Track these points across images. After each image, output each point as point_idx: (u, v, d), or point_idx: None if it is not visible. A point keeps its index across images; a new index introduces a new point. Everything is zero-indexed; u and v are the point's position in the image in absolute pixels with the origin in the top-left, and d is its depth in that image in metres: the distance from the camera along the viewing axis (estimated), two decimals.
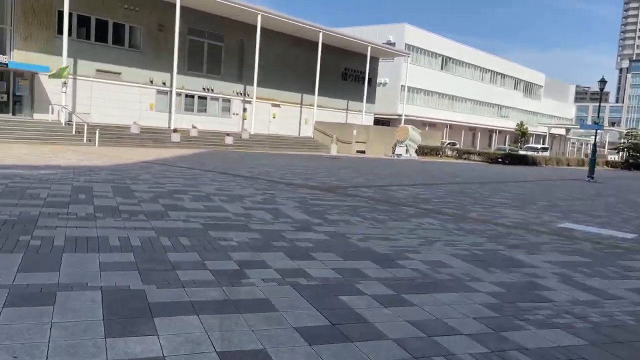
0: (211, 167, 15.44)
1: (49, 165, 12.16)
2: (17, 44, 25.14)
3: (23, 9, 25.13)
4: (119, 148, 22.57)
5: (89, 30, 28.08)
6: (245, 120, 36.11)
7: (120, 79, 29.42)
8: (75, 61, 27.34)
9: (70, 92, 27.18)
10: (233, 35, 34.95)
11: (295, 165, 19.78)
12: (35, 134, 22.11)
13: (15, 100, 25.71)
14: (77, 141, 22.99)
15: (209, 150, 25.90)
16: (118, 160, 15.48)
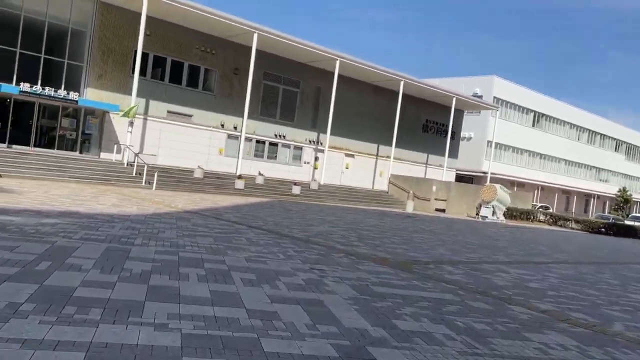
0: (261, 222, 13.01)
1: (67, 211, 10.22)
2: (91, 82, 24.88)
3: (100, 48, 24.99)
4: (175, 192, 20.97)
5: (163, 71, 27.61)
6: (316, 170, 34.01)
7: (191, 122, 28.51)
8: (147, 102, 26.76)
9: (139, 133, 26.47)
10: (309, 82, 33.51)
11: (364, 223, 16.96)
12: (94, 173, 21.09)
13: (85, 139, 25.25)
14: (135, 183, 21.71)
15: (272, 200, 23.76)
16: (157, 208, 13.48)
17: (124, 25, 25.50)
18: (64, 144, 24.73)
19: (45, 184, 17.09)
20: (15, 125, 23.23)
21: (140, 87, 25.57)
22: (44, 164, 20.22)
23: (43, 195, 13.12)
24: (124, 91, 25.31)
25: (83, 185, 18.99)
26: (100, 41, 24.99)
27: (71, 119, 24.86)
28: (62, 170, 20.29)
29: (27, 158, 20.12)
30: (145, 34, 25.61)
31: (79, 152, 24.79)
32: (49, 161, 20.61)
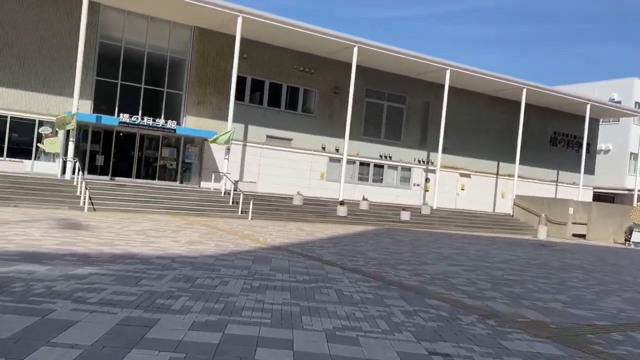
0: (361, 261, 10.41)
1: (122, 254, 8.50)
2: (190, 110, 24.32)
3: (198, 74, 24.41)
4: (271, 222, 19.14)
5: (261, 95, 26.48)
6: (427, 192, 30.75)
7: (290, 146, 26.97)
8: (245, 127, 25.70)
9: (238, 159, 25.39)
10: (416, 96, 30.62)
11: (492, 258, 13.63)
12: (190, 204, 20.01)
13: (185, 168, 24.65)
14: (231, 213, 20.29)
15: (378, 229, 21.05)
16: (239, 244, 11.49)
17: (221, 49, 24.77)
18: (165, 174, 24.29)
19: (133, 217, 16.05)
20: (118, 157, 23.16)
21: (239, 112, 24.57)
22: (141, 195, 19.52)
23: (117, 231, 11.73)
24: (223, 117, 24.43)
25: (175, 217, 17.83)
26: (199, 67, 24.43)
27: (171, 149, 24.40)
28: (158, 201, 19.43)
29: (124, 190, 19.56)
30: (242, 57, 24.68)
31: (179, 182, 24.17)
32: (147, 192, 19.90)
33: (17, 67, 20.48)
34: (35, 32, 20.77)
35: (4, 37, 20.20)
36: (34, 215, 13.74)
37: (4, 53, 20.20)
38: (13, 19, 20.32)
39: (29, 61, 20.69)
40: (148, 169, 24.16)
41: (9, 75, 20.33)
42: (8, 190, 16.86)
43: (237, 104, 24.01)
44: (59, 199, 17.37)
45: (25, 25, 20.51)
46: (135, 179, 23.06)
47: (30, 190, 17.27)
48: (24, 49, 20.55)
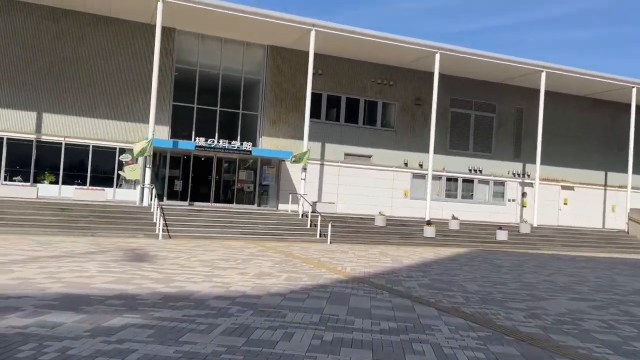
0: (459, 297, 8.59)
1: (177, 294, 7.41)
2: (265, 130, 23.61)
3: (273, 93, 23.71)
4: (352, 246, 17.62)
5: (338, 111, 25.28)
6: (524, 208, 27.81)
7: (370, 163, 25.44)
8: (322, 145, 24.57)
9: (316, 180, 24.25)
10: (507, 103, 28.00)
11: (618, 286, 11.14)
12: (267, 228, 19.04)
13: (263, 190, 23.89)
14: (309, 236, 19.05)
15: (471, 251, 18.82)
16: (314, 275, 10.09)
17: (295, 67, 23.97)
18: (243, 198, 23.65)
19: (206, 244, 15.22)
20: (196, 182, 22.84)
21: (315, 130, 23.54)
22: (218, 220, 18.82)
23: (183, 262, 10.77)
24: (299, 136, 23.48)
25: (250, 242, 16.85)
26: (273, 87, 23.74)
27: (248, 171, 23.76)
28: (235, 226, 18.62)
29: (201, 215, 18.98)
30: (317, 73, 23.73)
31: (257, 205, 23.42)
32: (223, 217, 19.20)
33: (97, 96, 20.81)
34: (114, 61, 21.06)
35: (84, 67, 20.64)
36: (104, 245, 13.25)
37: (83, 82, 20.62)
38: (92, 49, 20.75)
39: (108, 89, 20.98)
40: (226, 192, 23.65)
41: (90, 104, 20.69)
42: (87, 219, 16.76)
43: (313, 121, 22.98)
44: (135, 226, 17.03)
45: (104, 55, 20.87)
46: (214, 203, 22.59)
47: (108, 219, 17.08)
48: (103, 77, 20.88)
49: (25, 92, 19.77)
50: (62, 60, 20.29)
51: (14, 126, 19.68)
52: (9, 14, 19.54)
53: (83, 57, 20.60)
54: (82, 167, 20.83)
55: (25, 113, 19.82)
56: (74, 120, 20.51)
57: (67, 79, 20.38)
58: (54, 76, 20.18)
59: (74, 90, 20.47)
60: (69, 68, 20.40)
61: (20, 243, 12.49)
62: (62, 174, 20.44)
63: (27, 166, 20.01)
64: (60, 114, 20.31)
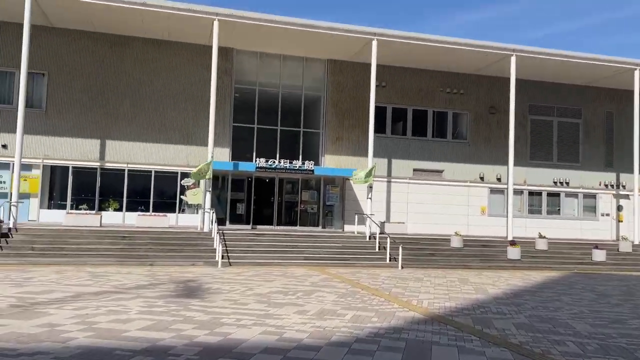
0: (572, 344, 6.81)
1: (219, 345, 6.28)
2: (328, 148, 22.46)
3: (335, 109, 22.59)
4: (426, 271, 15.89)
5: (405, 124, 23.71)
6: (620, 223, 24.70)
7: (442, 178, 23.59)
8: (389, 161, 23.07)
9: (383, 198, 22.72)
10: (594, 107, 25.25)
11: None
12: (331, 252, 17.72)
13: (327, 211, 22.66)
14: (378, 261, 17.52)
15: (565, 275, 16.48)
16: (385, 313, 8.64)
17: (357, 80, 22.78)
18: (306, 219, 22.53)
19: (267, 272, 14.11)
20: (258, 204, 22.01)
21: (380, 145, 22.16)
22: (280, 245, 17.74)
23: (237, 297, 9.65)
24: (363, 153, 22.16)
25: (314, 269, 15.58)
26: (335, 102, 22.64)
27: (311, 191, 22.65)
28: (298, 251, 17.45)
29: (263, 240, 17.98)
30: (380, 85, 22.42)
31: (321, 227, 22.20)
32: (286, 241, 18.10)
33: (158, 121, 20.58)
34: (175, 85, 20.81)
35: (144, 92, 20.50)
36: (158, 276, 12.45)
37: (144, 108, 20.46)
38: (152, 74, 20.60)
39: (169, 113, 20.71)
40: (289, 214, 22.64)
41: (151, 129, 20.48)
42: (146, 247, 16.20)
43: (377, 137, 21.58)
44: (195, 253, 16.28)
45: (164, 79, 20.67)
46: (277, 226, 21.61)
47: (168, 246, 16.46)
48: (164, 102, 20.64)
49: (88, 121, 19.86)
50: (123, 87, 20.27)
51: (79, 155, 19.76)
52: (71, 45, 19.80)
53: (143, 83, 20.49)
54: (144, 193, 20.57)
55: (90, 141, 19.87)
56: (136, 146, 20.35)
57: (128, 105, 20.31)
58: (116, 103, 20.17)
59: (135, 116, 20.36)
60: (129, 94, 20.33)
61: (73, 276, 11.93)
62: (125, 200, 20.26)
63: (91, 194, 19.99)
64: (123, 140, 20.21)
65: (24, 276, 11.49)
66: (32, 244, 15.28)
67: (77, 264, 14.30)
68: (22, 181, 18.94)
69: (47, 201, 19.69)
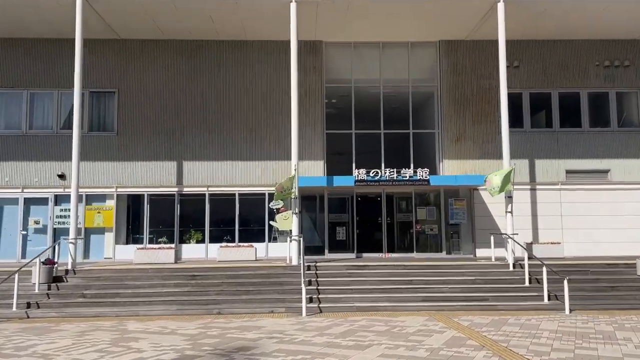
0: None
1: None
2: (447, 152, 17.72)
3: (453, 103, 17.86)
4: (613, 316, 10.43)
5: (548, 114, 18.19)
6: None
7: (608, 181, 17.57)
8: (530, 162, 17.68)
9: (527, 211, 17.33)
10: None
11: None
12: (460, 287, 12.90)
13: (451, 232, 17.79)
14: (530, 300, 12.34)
15: None
16: None
17: (478, 63, 17.95)
18: (426, 244, 17.89)
19: (368, 326, 9.85)
20: (362, 227, 17.84)
21: (517, 143, 17.13)
22: (389, 280, 13.33)
23: None
24: (494, 154, 17.14)
25: (438, 316, 10.96)
26: (452, 94, 17.94)
27: (429, 208, 17.97)
28: (413, 289, 12.89)
29: (366, 273, 13.73)
30: (512, 66, 17.38)
31: (445, 252, 17.37)
32: (396, 275, 13.64)
33: (239, 134, 17.52)
34: (255, 91, 17.68)
35: (222, 103, 17.61)
36: (213, 333, 8.80)
37: (223, 120, 17.53)
38: (228, 80, 17.68)
39: (250, 125, 17.56)
40: (403, 238, 18.15)
41: (232, 145, 17.47)
42: (218, 288, 12.80)
43: (513, 132, 16.43)
44: (278, 295, 12.53)
45: (242, 86, 17.63)
46: (387, 253, 17.25)
47: (245, 286, 12.93)
48: (244, 111, 17.56)
49: (163, 141, 17.38)
50: (198, 98, 17.57)
51: (155, 180, 17.28)
52: (140, 57, 17.57)
53: (220, 92, 17.64)
54: (229, 220, 17.49)
55: (165, 164, 17.35)
56: (216, 166, 17.44)
57: (205, 119, 17.53)
58: (191, 118, 17.51)
59: (212, 130, 17.51)
60: (205, 107, 17.58)
61: (96, 339, 8.75)
62: (207, 230, 17.32)
63: (171, 224, 17.35)
64: (201, 160, 17.42)
65: (28, 343, 8.53)
66: (85, 289, 12.64)
67: (125, 316, 11.28)
68: (96, 214, 16.90)
69: (125, 235, 17.41)
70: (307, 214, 17.80)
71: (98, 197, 17.02)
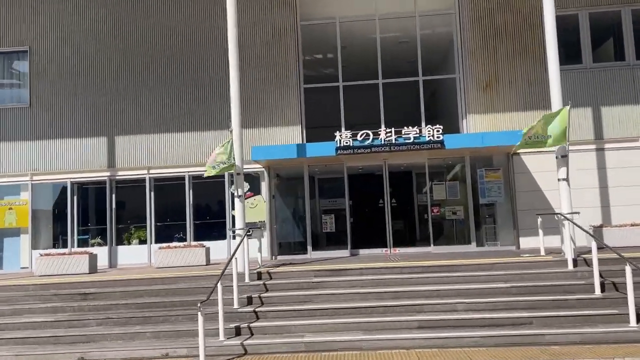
0: None
1: None
2: (472, 103, 12.68)
3: (478, 37, 12.79)
4: None
5: (617, 43, 12.86)
6: None
7: None
8: (595, 113, 12.40)
9: (594, 181, 12.10)
10: None
11: None
12: (494, 302, 7.93)
13: (485, 215, 12.77)
14: (608, 322, 7.29)
15: None
16: None
17: None
18: (449, 234, 13.03)
19: None
20: (357, 213, 13.13)
21: (574, 85, 12.28)
22: (370, 292, 8.56)
23: None
24: (541, 102, 11.95)
25: (452, 356, 6.13)
26: (478, 22, 12.87)
27: (450, 184, 12.98)
28: (403, 306, 8.07)
29: (339, 280, 8.99)
30: None
31: (475, 244, 12.35)
32: (384, 283, 8.81)
33: (185, 100, 13.16)
34: (203, 42, 13.25)
35: (166, 60, 13.28)
36: None
37: (167, 81, 13.21)
38: (174, 38, 13.32)
39: (200, 86, 13.15)
40: (415, 227, 13.35)
41: (178, 113, 13.15)
42: (105, 314, 8.48)
43: (567, 70, 11.41)
44: (190, 324, 8.01)
45: (187, 38, 13.24)
46: (394, 248, 12.45)
47: (149, 310, 8.55)
48: (190, 70, 13.14)
49: (89, 113, 13.25)
50: (132, 55, 13.33)
51: (81, 164, 13.20)
52: (57, 3, 13.49)
53: (159, 44, 13.32)
54: (180, 212, 13.21)
55: (93, 142, 13.21)
56: (158, 140, 13.18)
57: (142, 82, 13.27)
58: (124, 81, 13.29)
59: (152, 95, 13.24)
60: (142, 66, 13.30)
61: None
62: (152, 227, 13.12)
63: (102, 221, 13.26)
64: (138, 134, 13.20)
65: None
66: None
67: None
68: (7, 211, 13.06)
69: (48, 237, 13.45)
70: (284, 200, 13.30)
71: (9, 188, 13.16)
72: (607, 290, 7.99)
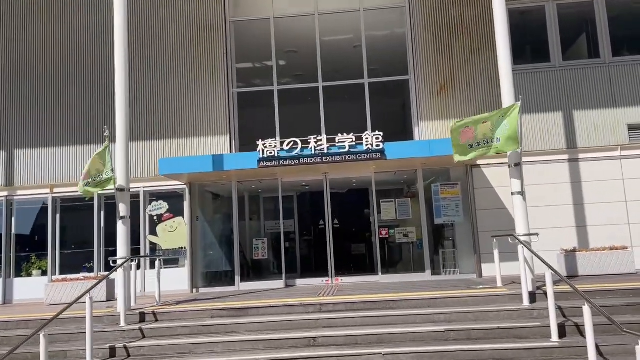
0: None
1: None
2: (425, 108, 10.97)
3: (431, 34, 11.19)
4: None
5: (593, 38, 11.27)
6: None
7: None
8: (567, 116, 10.76)
9: (566, 195, 10.36)
10: None
11: None
12: None
13: (439, 238, 10.95)
14: None
15: None
16: None
17: None
18: (401, 260, 11.18)
19: None
20: (292, 237, 11.31)
21: (540, 85, 10.76)
22: (271, 340, 6.71)
23: None
24: (498, 102, 10.18)
25: None
26: (431, 17, 11.29)
27: (400, 201, 11.14)
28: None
29: (241, 323, 7.15)
30: None
31: (430, 271, 10.48)
32: (297, 326, 6.99)
33: (91, 106, 11.45)
34: (97, 37, 11.59)
35: (71, 64, 11.61)
36: None
37: (68, 85, 11.51)
38: (75, 34, 11.69)
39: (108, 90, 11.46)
40: (361, 252, 11.46)
41: (83, 121, 11.42)
42: None
43: (533, 70, 10.09)
44: None
45: (78, 33, 11.60)
46: (337, 278, 10.58)
47: None
48: (96, 72, 11.46)
49: None
50: (27, 56, 11.67)
51: None
52: None
53: (56, 42, 11.65)
54: (89, 238, 11.35)
55: None
56: (63, 153, 11.42)
57: (43, 86, 11.57)
58: (21, 86, 11.60)
59: (55, 101, 11.53)
60: (41, 67, 11.62)
61: None
62: (55, 255, 11.25)
63: None
64: (40, 147, 11.44)
65: None
66: None
67: None
68: None
69: None
70: (210, 222, 11.48)
71: None
72: (568, 335, 6.14)
